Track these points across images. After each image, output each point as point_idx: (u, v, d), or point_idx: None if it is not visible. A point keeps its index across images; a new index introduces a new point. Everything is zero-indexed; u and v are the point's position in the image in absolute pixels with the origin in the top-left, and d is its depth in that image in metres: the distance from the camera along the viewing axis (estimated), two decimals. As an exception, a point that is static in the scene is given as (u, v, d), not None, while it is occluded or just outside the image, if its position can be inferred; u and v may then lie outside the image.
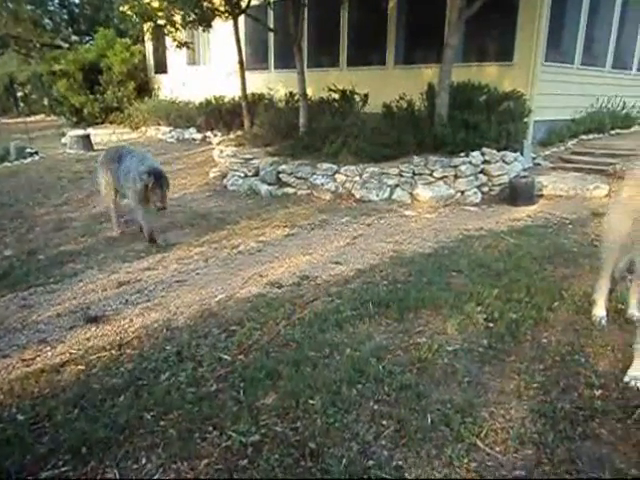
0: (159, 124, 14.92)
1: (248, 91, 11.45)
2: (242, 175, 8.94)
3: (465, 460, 2.24)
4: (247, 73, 11.53)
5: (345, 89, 9.81)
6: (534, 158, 8.98)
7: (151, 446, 2.48)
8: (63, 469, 2.36)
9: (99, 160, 6.41)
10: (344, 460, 2.28)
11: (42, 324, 3.91)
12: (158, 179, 5.45)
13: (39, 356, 3.40)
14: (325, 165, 7.87)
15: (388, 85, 9.78)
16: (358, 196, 7.45)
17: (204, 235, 6.18)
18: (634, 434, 2.40)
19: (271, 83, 12.32)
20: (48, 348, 3.50)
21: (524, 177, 7.47)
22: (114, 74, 16.26)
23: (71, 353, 3.42)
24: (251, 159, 9.08)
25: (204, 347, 3.38)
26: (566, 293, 3.87)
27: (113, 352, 3.42)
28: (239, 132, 11.74)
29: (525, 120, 8.53)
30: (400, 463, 2.26)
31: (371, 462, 2.28)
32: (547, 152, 9.37)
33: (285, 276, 4.61)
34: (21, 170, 10.96)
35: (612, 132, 10.54)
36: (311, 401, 2.71)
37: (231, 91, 12.55)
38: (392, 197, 7.39)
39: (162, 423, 2.64)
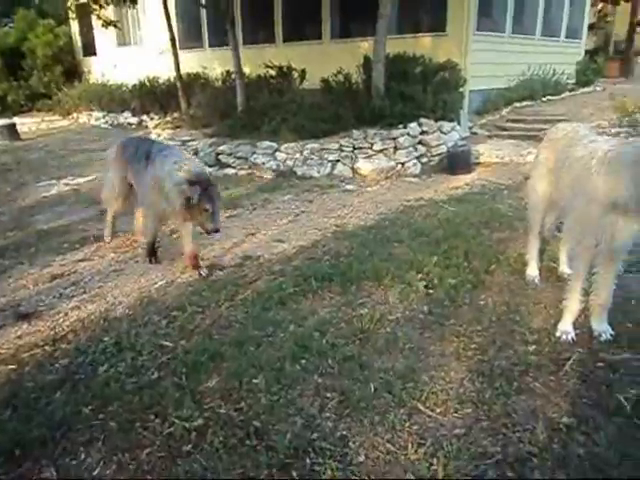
0: (91, 109, 14.31)
1: (183, 71, 11.08)
2: None
3: (407, 424, 2.29)
4: (181, 52, 11.16)
5: (282, 65, 9.66)
6: (471, 127, 9.17)
7: (90, 440, 2.41)
8: None
9: (110, 155, 4.84)
10: (289, 435, 2.28)
11: (-31, 326, 3.76)
12: (206, 189, 3.72)
13: (-33, 359, 3.30)
14: (265, 143, 7.79)
15: (326, 60, 9.67)
16: (300, 173, 7.38)
17: None
18: (565, 385, 2.52)
19: (206, 62, 11.98)
20: None
21: (461, 146, 7.62)
22: (38, 58, 15.37)
23: (0, 353, 3.25)
24: (189, 141, 8.87)
25: (144, 335, 3.28)
26: (502, 256, 4.00)
27: (47, 348, 3.26)
28: (176, 114, 11.44)
29: (460, 90, 8.66)
30: (344, 433, 2.28)
31: (316, 434, 2.29)
32: (483, 121, 9.61)
33: (227, 257, 4.56)
34: None
35: (544, 99, 10.89)
36: (255, 380, 2.69)
37: (166, 72, 12.06)
38: (333, 172, 7.37)
39: (101, 416, 2.55)
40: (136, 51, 14.63)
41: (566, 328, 3.01)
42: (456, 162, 7.29)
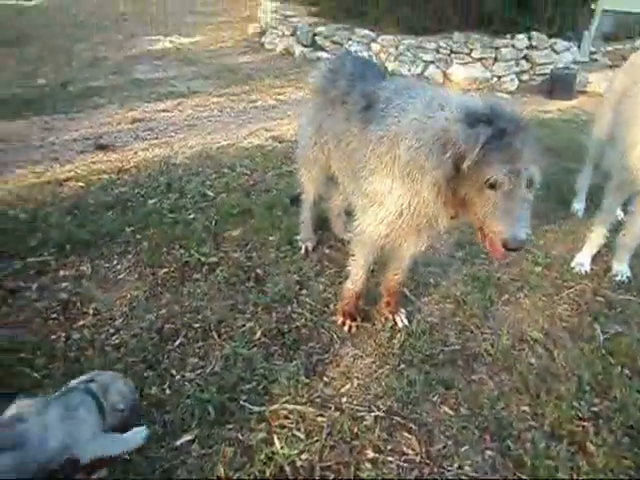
0: None
1: None
2: (280, 34, 8.91)
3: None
4: None
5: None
6: (593, 52, 7.82)
7: (124, 252, 3.05)
8: (47, 258, 2.93)
9: (313, 86, 2.84)
10: (281, 285, 2.81)
11: (57, 145, 4.68)
12: (504, 136, 1.71)
13: (48, 171, 4.13)
14: (363, 32, 6.68)
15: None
16: (390, 68, 6.38)
17: (226, 87, 6.75)
18: (552, 307, 2.90)
19: None
20: (57, 165, 4.23)
21: (566, 69, 6.71)
22: None
23: (76, 172, 4.08)
24: (291, 17, 8.88)
25: (193, 183, 3.90)
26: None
27: (112, 176, 4.01)
28: None
29: (592, 6, 7.28)
30: (329, 296, 2.78)
31: (304, 291, 2.81)
32: (610, 48, 8.19)
33: (290, 133, 5.00)
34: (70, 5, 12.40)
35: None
36: (271, 237, 3.24)
37: None
38: (424, 73, 6.43)
39: (138, 236, 3.19)
40: None
41: (582, 260, 3.18)
42: (556, 85, 6.55)
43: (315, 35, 8.45)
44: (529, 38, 7.51)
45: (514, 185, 1.71)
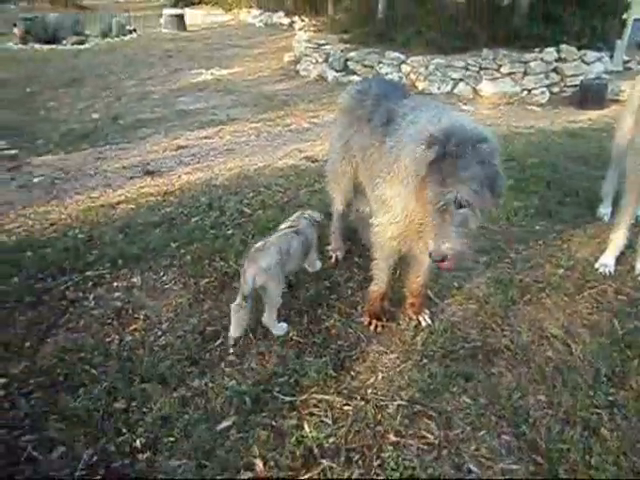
0: (251, 6, 16.97)
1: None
2: (314, 61, 9.26)
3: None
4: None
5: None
6: (627, 61, 8.19)
7: (170, 265, 3.34)
8: (103, 271, 3.28)
9: (342, 106, 3.21)
10: (311, 291, 3.04)
11: (110, 173, 5.11)
12: (449, 155, 1.94)
13: (102, 196, 4.50)
14: (393, 54, 7.31)
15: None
16: (420, 87, 7.08)
17: (263, 113, 7.31)
18: (573, 306, 2.99)
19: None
20: (110, 191, 4.60)
21: (597, 79, 7.11)
22: None
23: (127, 196, 4.41)
24: (324, 45, 9.26)
25: (232, 202, 4.19)
26: (581, 190, 4.30)
27: (159, 198, 4.34)
28: (324, 18, 11.61)
29: (624, 16, 7.76)
30: (358, 299, 2.99)
31: (334, 296, 3.02)
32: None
33: (322, 153, 5.22)
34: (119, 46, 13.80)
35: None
36: None
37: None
38: (454, 91, 7.09)
39: (182, 251, 3.48)
40: None
41: (606, 261, 3.19)
42: (587, 96, 6.91)
43: (347, 60, 8.82)
44: (558, 51, 7.70)
45: (444, 203, 1.94)
